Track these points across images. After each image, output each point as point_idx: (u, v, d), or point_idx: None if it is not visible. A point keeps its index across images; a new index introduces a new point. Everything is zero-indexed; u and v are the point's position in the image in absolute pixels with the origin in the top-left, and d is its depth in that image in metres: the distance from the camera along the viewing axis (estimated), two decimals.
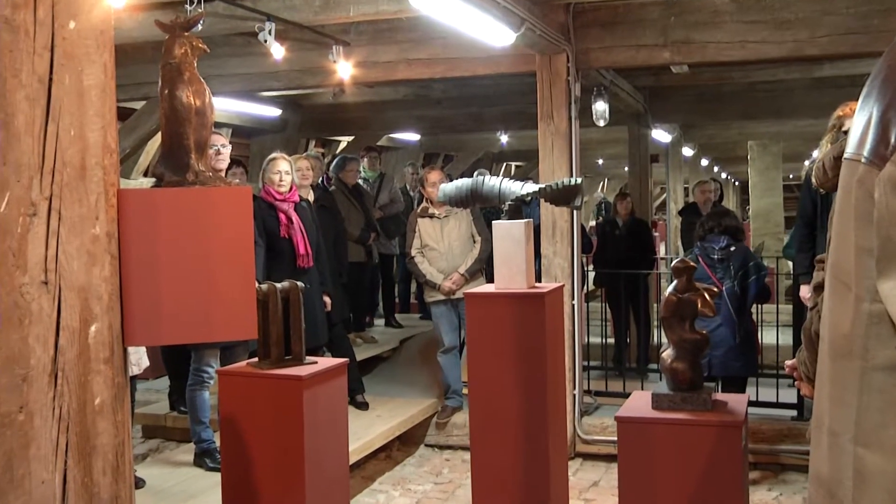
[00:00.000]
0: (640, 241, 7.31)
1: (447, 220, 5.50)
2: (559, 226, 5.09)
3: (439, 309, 5.53)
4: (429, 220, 5.52)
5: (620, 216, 7.43)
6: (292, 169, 4.64)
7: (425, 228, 5.52)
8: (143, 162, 7.42)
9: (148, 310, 1.73)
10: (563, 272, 5.08)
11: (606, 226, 7.63)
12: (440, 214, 5.51)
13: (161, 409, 5.34)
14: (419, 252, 5.53)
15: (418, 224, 5.55)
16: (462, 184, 3.71)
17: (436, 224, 5.51)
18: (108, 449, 1.60)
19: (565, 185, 3.52)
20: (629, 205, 7.44)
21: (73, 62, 1.57)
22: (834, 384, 1.13)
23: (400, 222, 7.23)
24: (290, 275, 4.15)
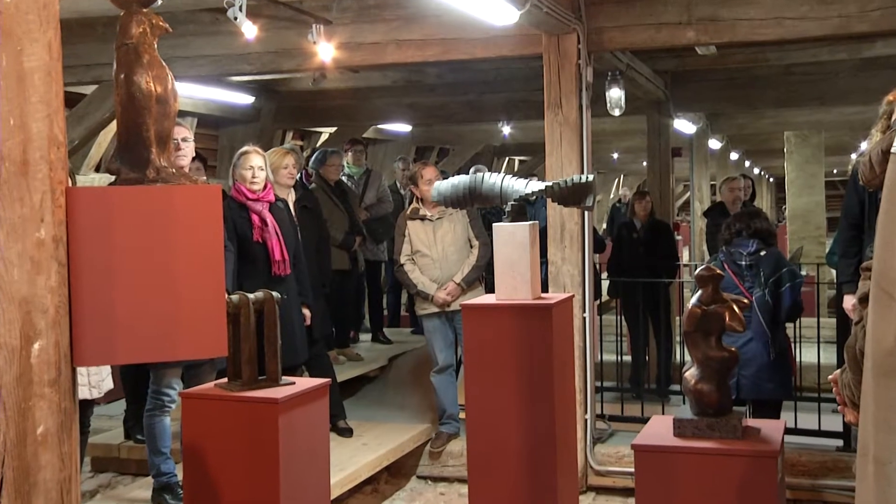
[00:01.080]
0: (660, 245, 7.33)
1: (441, 222, 5.50)
2: (568, 228, 5.10)
3: (433, 323, 5.53)
4: (420, 223, 5.52)
5: (639, 217, 7.45)
6: (266, 164, 4.64)
7: (416, 232, 5.52)
8: (94, 155, 7.39)
9: (101, 325, 1.72)
10: (572, 281, 5.09)
11: (623, 229, 7.65)
12: (433, 216, 5.51)
13: (114, 437, 5.26)
14: (409, 259, 5.53)
15: (408, 227, 5.54)
16: (459, 181, 3.72)
17: (428, 227, 5.51)
18: (51, 486, 1.58)
19: (575, 182, 3.53)
20: (648, 205, 7.46)
21: (12, 41, 1.55)
22: (879, 406, 1.12)
23: (388, 225, 7.23)
24: (265, 284, 4.15)
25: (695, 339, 3.02)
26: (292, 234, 4.77)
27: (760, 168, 21.01)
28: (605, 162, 16.85)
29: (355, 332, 7.45)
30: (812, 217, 12.47)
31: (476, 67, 7.60)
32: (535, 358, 3.53)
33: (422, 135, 11.45)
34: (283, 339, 3.59)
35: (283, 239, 4.61)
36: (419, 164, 5.71)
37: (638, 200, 7.52)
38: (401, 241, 5.56)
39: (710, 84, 8.14)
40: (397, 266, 5.58)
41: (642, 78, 7.17)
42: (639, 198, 7.57)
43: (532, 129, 10.48)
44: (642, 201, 7.49)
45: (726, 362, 3.01)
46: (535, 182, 3.68)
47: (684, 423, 2.98)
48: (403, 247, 5.54)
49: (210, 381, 3.75)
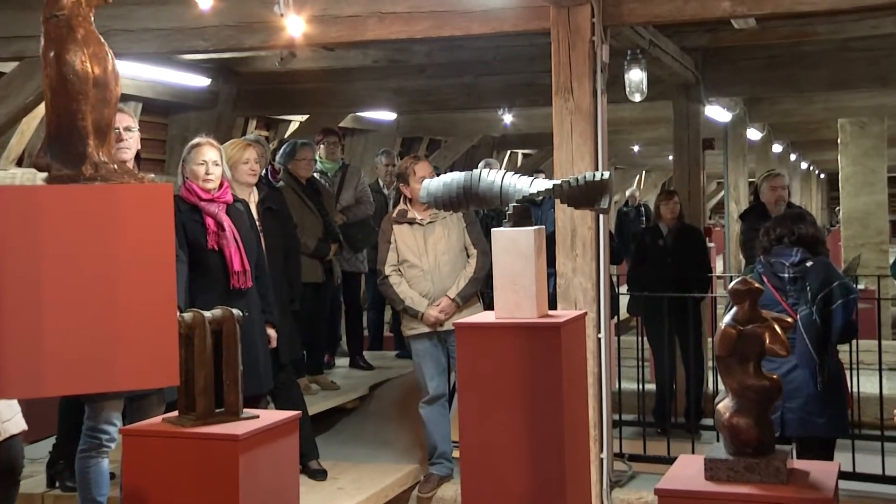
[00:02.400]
0: (690, 254, 7.35)
1: (432, 227, 5.52)
2: (580, 234, 5.11)
3: (422, 345, 5.54)
4: (408, 228, 5.53)
5: (664, 221, 7.47)
6: (223, 158, 4.65)
7: (404, 238, 5.53)
8: (15, 147, 7.33)
9: (26, 350, 1.72)
10: (585, 296, 5.10)
11: (646, 235, 7.67)
12: (423, 220, 5.52)
13: (36, 485, 5.20)
14: (395, 270, 5.54)
15: (394, 232, 5.55)
16: (452, 180, 3.73)
17: (418, 232, 5.52)
18: None
19: (588, 180, 3.54)
20: (676, 206, 7.48)
21: None
22: None
23: (369, 230, 7.24)
24: (223, 299, 4.14)
25: (729, 364, 3.03)
26: (254, 240, 4.77)
27: (809, 162, 21.10)
28: (624, 156, 16.89)
29: (330, 355, 7.44)
30: (872, 220, 12.43)
31: (472, 45, 7.63)
32: (541, 387, 3.54)
33: (408, 124, 11.47)
34: (245, 364, 3.59)
35: (243, 246, 4.61)
36: (410, 159, 5.73)
37: (664, 201, 7.54)
38: (385, 249, 5.57)
39: (749, 63, 8.16)
40: (381, 278, 5.59)
41: (668, 57, 7.20)
42: (665, 198, 7.58)
43: (537, 118, 10.50)
44: (669, 202, 7.50)
45: (767, 392, 3.02)
46: (541, 180, 3.70)
47: (718, 465, 2.99)
48: (388, 256, 5.55)
49: (157, 416, 3.75)
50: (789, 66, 8.10)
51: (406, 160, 5.78)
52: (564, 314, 3.74)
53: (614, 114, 7.81)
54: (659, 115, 9.90)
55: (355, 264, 7.53)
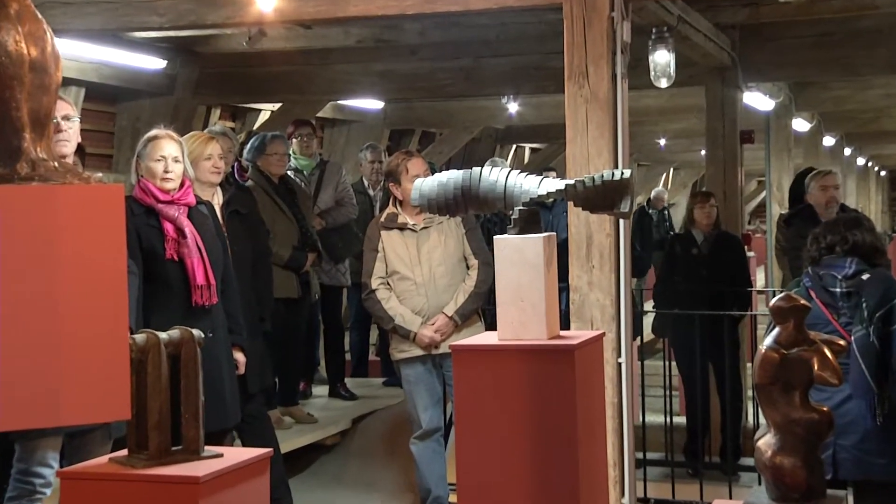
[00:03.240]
0: (727, 266, 7.37)
1: (427, 233, 5.54)
2: (597, 242, 5.12)
3: (415, 371, 5.55)
4: (399, 235, 5.55)
5: (699, 227, 7.47)
6: (184, 153, 4.66)
7: (394, 246, 5.55)
8: None
9: None
10: (603, 314, 5.11)
11: (677, 243, 7.67)
12: (416, 225, 5.53)
13: None
14: (383, 283, 5.56)
15: (383, 240, 5.57)
16: (447, 179, 3.74)
17: (410, 240, 5.54)
18: None
19: (606, 180, 3.56)
20: (713, 211, 7.47)
21: None
22: None
23: (352, 237, 7.26)
24: (182, 318, 4.14)
25: (771, 394, 3.04)
26: (220, 249, 4.78)
27: (867, 158, 21.11)
28: (649, 151, 16.90)
29: (307, 383, 7.46)
30: None
31: (472, 23, 7.64)
32: (551, 420, 3.54)
33: (397, 114, 11.48)
34: (207, 394, 3.58)
35: (207, 256, 4.62)
36: (401, 155, 5.74)
37: (700, 205, 7.52)
38: (372, 259, 5.58)
39: (795, 42, 8.18)
40: (366, 293, 5.60)
41: (700, 36, 7.21)
42: (701, 201, 7.55)
43: (547, 107, 10.52)
44: (705, 206, 7.48)
45: (816, 427, 3.02)
46: (552, 180, 3.71)
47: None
48: (375, 266, 5.56)
49: (103, 454, 3.74)
50: (843, 46, 8.10)
51: (397, 156, 5.79)
52: (579, 335, 3.75)
53: (637, 102, 7.83)
54: (689, 104, 9.92)
55: (336, 277, 7.54)
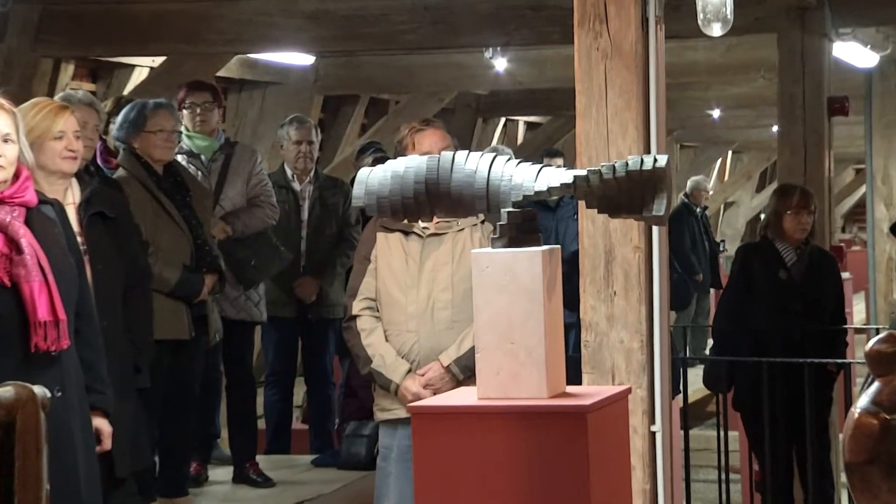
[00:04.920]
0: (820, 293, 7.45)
1: (437, 242, 5.63)
2: (620, 259, 5.13)
3: (394, 439, 5.64)
4: (400, 241, 5.65)
5: (788, 240, 7.51)
6: (18, 130, 4.61)
7: (390, 257, 5.64)
8: None
9: None
10: (629, 360, 5.12)
11: (757, 260, 7.69)
12: (425, 229, 5.61)
13: None
14: (369, 309, 5.63)
15: (378, 246, 5.66)
16: (406, 169, 3.74)
17: (413, 249, 5.63)
18: None
19: (633, 170, 3.55)
20: (810, 220, 7.50)
21: None
22: None
23: (270, 251, 7.26)
24: (17, 370, 4.13)
25: (868, 477, 3.05)
26: (73, 269, 4.75)
27: None
28: (697, 126, 16.98)
29: (200, 463, 7.46)
30: None
31: None
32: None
33: (334, 74, 11.48)
34: (56, 479, 3.55)
35: (53, 280, 4.59)
36: (412, 125, 5.79)
37: (795, 209, 7.51)
38: (361, 272, 5.68)
39: None
40: (346, 318, 5.67)
41: None
42: (799, 204, 7.51)
43: (550, 65, 10.56)
44: (802, 212, 7.48)
45: None
46: (556, 169, 3.70)
47: None
48: (364, 282, 5.66)
49: None
50: None
51: (406, 127, 5.84)
52: (593, 392, 3.76)
53: (679, 57, 7.86)
54: (754, 59, 9.97)
55: (246, 309, 7.51)
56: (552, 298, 3.63)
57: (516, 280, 3.59)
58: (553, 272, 3.65)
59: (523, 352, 3.60)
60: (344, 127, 13.13)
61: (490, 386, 3.61)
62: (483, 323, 3.63)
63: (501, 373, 3.60)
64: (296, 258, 7.87)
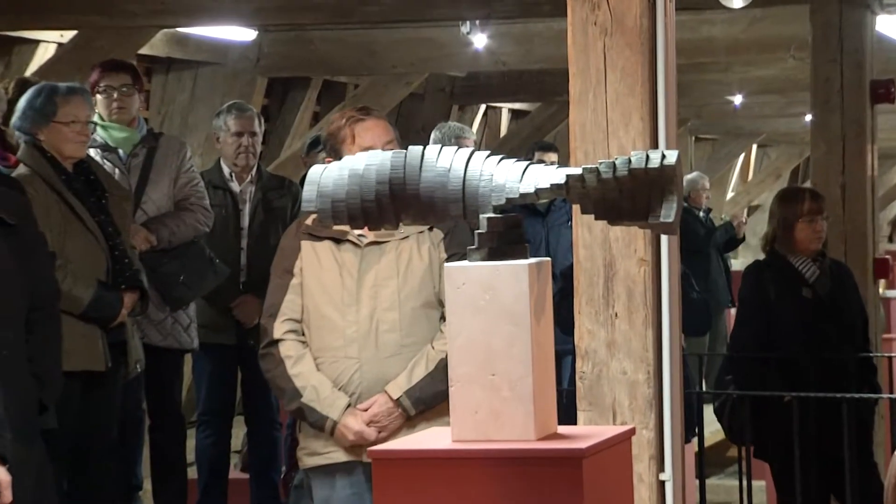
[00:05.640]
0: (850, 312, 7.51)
1: (378, 252, 5.67)
2: (622, 274, 5.17)
3: (334, 491, 5.63)
4: (331, 250, 5.69)
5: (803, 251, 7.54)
6: None
7: (320, 270, 5.67)
8: None
9: None
10: (634, 396, 5.16)
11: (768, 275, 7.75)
12: (363, 237, 5.63)
13: None
14: (294, 332, 5.67)
15: (303, 257, 5.70)
16: (367, 166, 3.76)
17: (349, 260, 5.66)
18: None
19: (636, 168, 3.57)
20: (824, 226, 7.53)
21: None
22: None
23: (202, 264, 7.28)
24: None
25: None
26: None
27: None
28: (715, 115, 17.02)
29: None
30: None
31: None
32: None
33: (281, 51, 11.50)
34: None
35: None
36: (349, 113, 5.81)
37: (809, 215, 7.54)
38: (281, 289, 5.74)
39: None
40: (265, 344, 5.69)
41: None
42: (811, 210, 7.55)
43: (539, 42, 10.60)
44: (817, 217, 7.53)
45: None
46: (545, 168, 3.73)
47: None
48: (286, 300, 5.69)
49: None
50: None
51: (342, 115, 5.86)
52: (590, 433, 3.78)
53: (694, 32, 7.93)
54: (783, 35, 10.03)
55: (174, 334, 7.53)
56: (541, 321, 3.64)
57: (498, 299, 3.60)
58: (542, 290, 3.65)
59: (506, 385, 3.60)
60: (292, 115, 13.08)
61: (466, 426, 3.62)
62: (458, 351, 3.64)
63: (480, 411, 3.61)
64: (234, 273, 7.89)
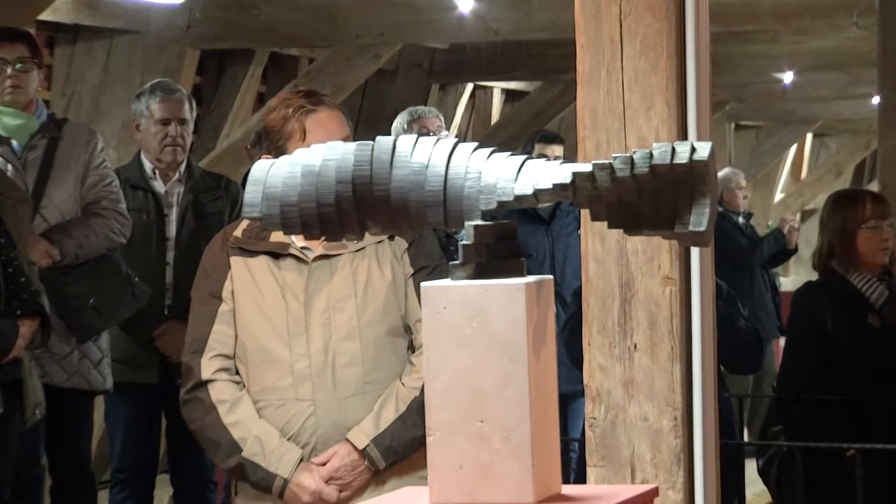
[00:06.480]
0: None
1: (329, 268, 5.75)
2: (643, 296, 5.20)
3: None
4: (270, 268, 5.75)
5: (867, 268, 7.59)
6: None
7: (256, 294, 5.75)
8: None
9: None
10: (657, 448, 5.18)
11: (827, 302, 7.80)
12: (310, 250, 5.71)
13: None
14: (226, 371, 5.74)
15: (234, 278, 5.77)
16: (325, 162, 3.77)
17: (293, 281, 5.72)
18: None
19: (659, 164, 3.58)
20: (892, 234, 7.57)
21: None
22: None
23: (117, 284, 7.30)
24: None
25: None
26: None
27: None
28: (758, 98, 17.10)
29: None
30: None
31: None
32: None
33: (218, 18, 11.54)
34: None
35: None
36: (292, 99, 5.86)
37: (874, 224, 7.59)
38: (206, 317, 5.79)
39: None
40: (188, 388, 5.77)
41: None
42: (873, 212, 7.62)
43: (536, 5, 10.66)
44: (882, 223, 7.57)
45: None
46: (547, 164, 3.74)
47: None
48: (214, 331, 5.75)
49: None
50: None
51: (283, 100, 5.90)
52: (604, 494, 3.80)
53: None
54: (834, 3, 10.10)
55: (82, 372, 7.55)
56: (542, 355, 3.64)
57: (488, 327, 3.58)
58: (543, 315, 3.65)
59: (499, 434, 3.59)
60: (231, 97, 13.04)
61: (448, 485, 3.61)
62: (438, 392, 3.62)
63: (465, 465, 3.60)
64: (157, 294, 7.92)
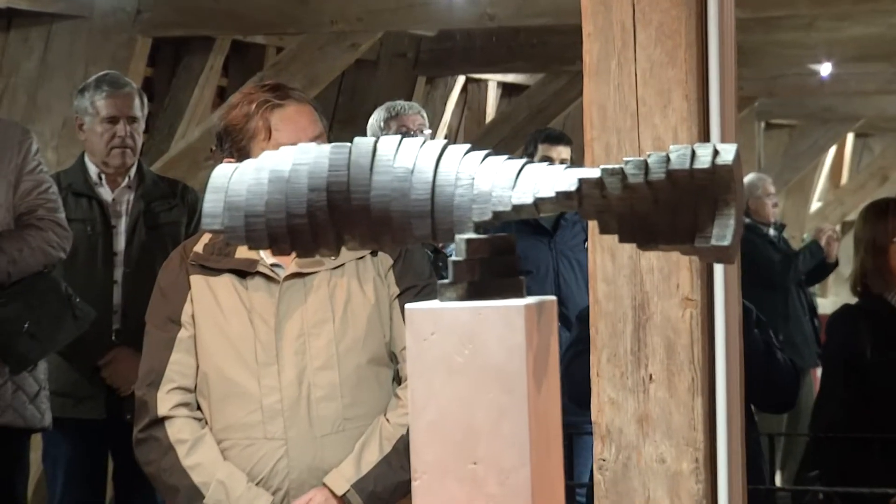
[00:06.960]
0: None
1: (303, 288, 5.80)
2: (659, 321, 5.19)
3: None
4: (235, 288, 5.79)
5: None
6: None
7: (220, 318, 5.79)
8: None
9: None
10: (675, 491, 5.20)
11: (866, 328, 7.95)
12: (281, 268, 5.76)
13: None
14: (186, 406, 5.79)
15: (194, 298, 5.83)
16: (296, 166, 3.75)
17: (262, 304, 5.77)
18: None
19: (676, 169, 3.56)
20: None
21: None
22: None
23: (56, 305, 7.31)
24: None
25: None
26: None
27: None
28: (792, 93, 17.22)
29: None
30: None
31: None
32: None
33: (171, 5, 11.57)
34: None
35: None
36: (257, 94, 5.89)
37: None
38: (163, 344, 5.83)
39: None
40: (142, 425, 5.81)
41: None
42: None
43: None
44: None
45: None
46: (550, 169, 3.72)
47: None
48: (172, 360, 5.79)
49: None
50: None
51: (247, 95, 5.94)
52: None
53: None
54: None
55: (15, 407, 7.55)
56: (543, 387, 3.63)
57: (482, 355, 3.57)
58: (545, 341, 3.63)
59: (494, 478, 3.59)
60: (188, 92, 13.08)
61: None
62: (425, 429, 3.62)
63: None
64: (103, 317, 7.93)
